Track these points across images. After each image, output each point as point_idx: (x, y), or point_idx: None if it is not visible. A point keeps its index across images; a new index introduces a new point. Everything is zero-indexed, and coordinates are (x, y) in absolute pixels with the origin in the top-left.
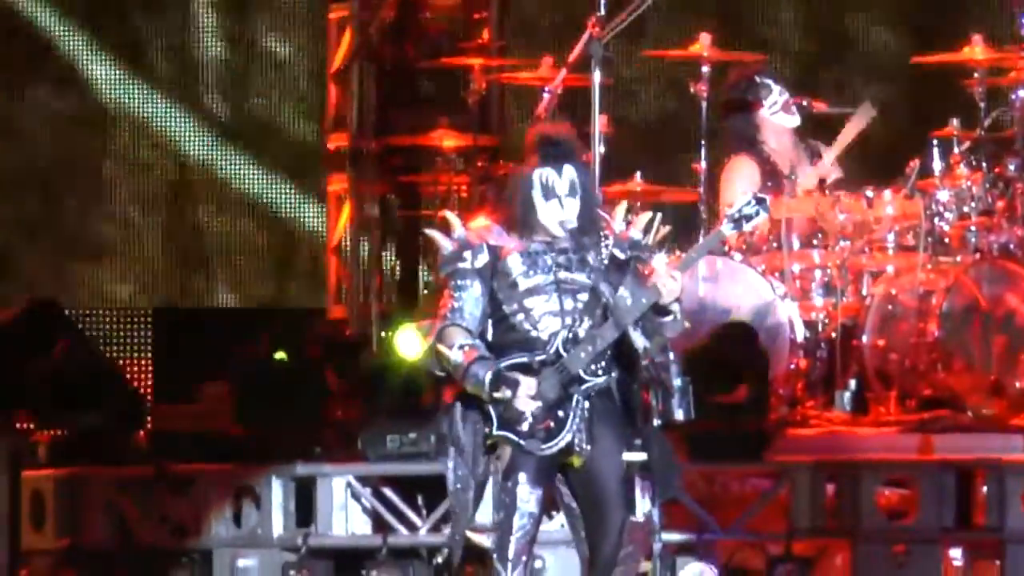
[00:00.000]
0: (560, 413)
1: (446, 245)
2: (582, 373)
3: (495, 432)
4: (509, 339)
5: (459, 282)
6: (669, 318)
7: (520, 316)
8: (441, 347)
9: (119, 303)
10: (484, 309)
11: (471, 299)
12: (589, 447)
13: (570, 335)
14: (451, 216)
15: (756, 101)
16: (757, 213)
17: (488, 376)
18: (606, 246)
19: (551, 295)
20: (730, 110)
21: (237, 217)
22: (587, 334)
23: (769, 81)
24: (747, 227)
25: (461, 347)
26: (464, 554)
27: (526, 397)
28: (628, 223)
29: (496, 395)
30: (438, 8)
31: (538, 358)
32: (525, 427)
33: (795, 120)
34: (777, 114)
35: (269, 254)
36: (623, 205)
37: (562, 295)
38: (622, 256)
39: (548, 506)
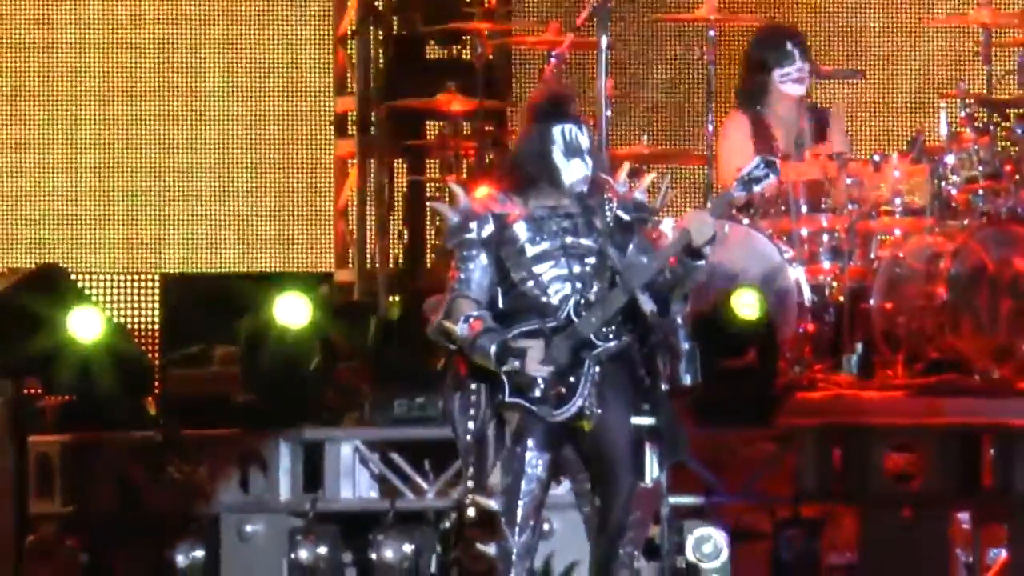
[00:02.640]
0: (571, 379)
1: (451, 217)
2: (593, 338)
3: (506, 399)
4: (520, 306)
5: (466, 253)
6: (702, 262)
7: (530, 283)
8: (447, 322)
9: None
10: (492, 278)
11: (479, 269)
12: (599, 411)
13: (581, 300)
14: (455, 187)
15: (774, 64)
16: (766, 176)
17: (494, 348)
18: (610, 209)
19: (559, 260)
20: (747, 65)
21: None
22: (597, 299)
23: (795, 51)
24: (756, 189)
25: (467, 319)
26: (472, 518)
27: (535, 363)
28: (631, 185)
29: (504, 367)
30: None
31: (549, 324)
32: (536, 393)
33: (800, 90)
34: (787, 83)
35: (276, 218)
36: (626, 167)
37: (570, 260)
38: (627, 218)
39: (556, 471)
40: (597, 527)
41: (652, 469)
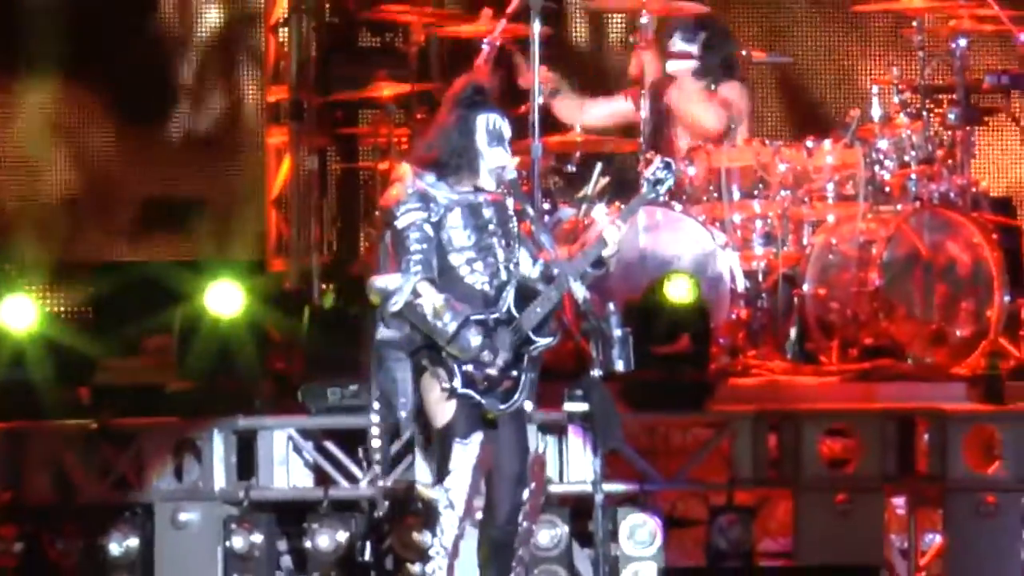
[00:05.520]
0: (515, 373)
1: (402, 195)
2: (531, 334)
3: (460, 390)
4: (455, 292)
5: (419, 234)
6: (603, 270)
7: (464, 269)
8: (424, 302)
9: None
10: (436, 261)
11: (431, 251)
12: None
13: (518, 292)
14: (406, 167)
15: (664, 48)
16: (667, 177)
17: (477, 343)
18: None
19: (493, 247)
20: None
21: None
22: (535, 295)
23: (674, 31)
24: (662, 191)
25: (449, 309)
26: (409, 506)
27: (498, 365)
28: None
29: (484, 358)
30: None
31: (493, 316)
32: (486, 386)
33: (677, 67)
34: (671, 62)
35: (210, 207)
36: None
37: (502, 247)
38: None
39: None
40: (485, 510)
41: (588, 455)
